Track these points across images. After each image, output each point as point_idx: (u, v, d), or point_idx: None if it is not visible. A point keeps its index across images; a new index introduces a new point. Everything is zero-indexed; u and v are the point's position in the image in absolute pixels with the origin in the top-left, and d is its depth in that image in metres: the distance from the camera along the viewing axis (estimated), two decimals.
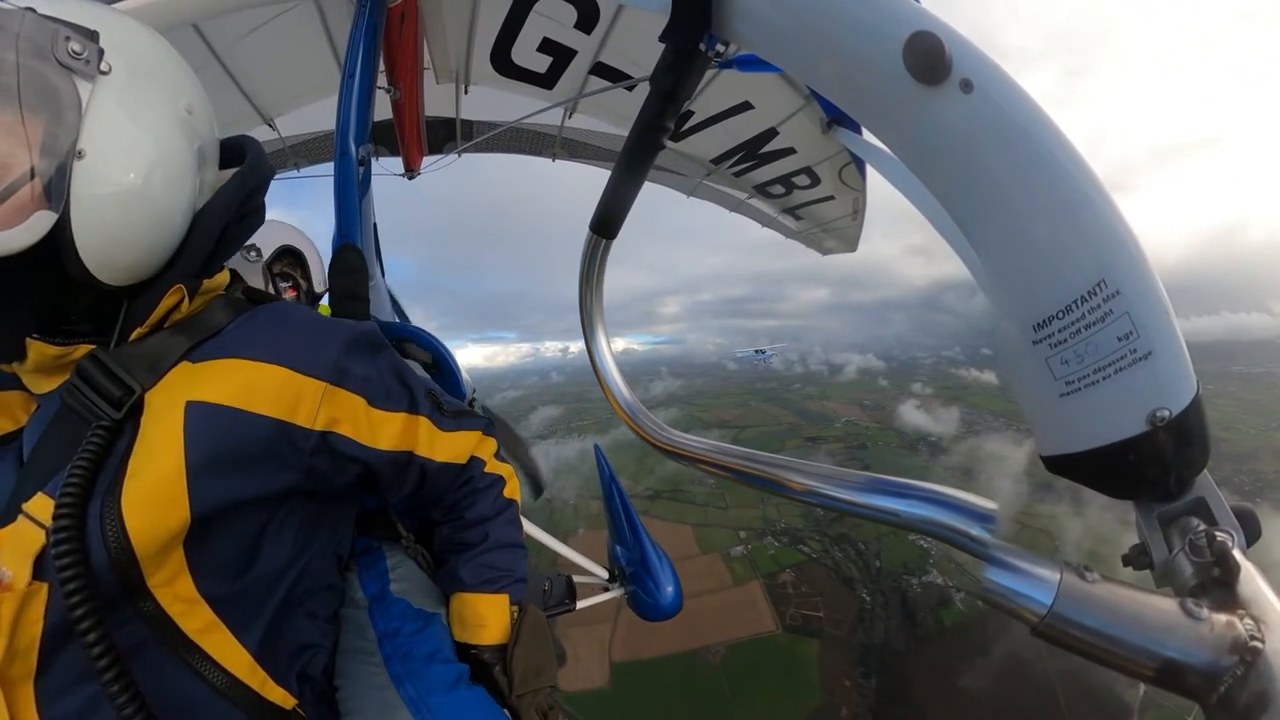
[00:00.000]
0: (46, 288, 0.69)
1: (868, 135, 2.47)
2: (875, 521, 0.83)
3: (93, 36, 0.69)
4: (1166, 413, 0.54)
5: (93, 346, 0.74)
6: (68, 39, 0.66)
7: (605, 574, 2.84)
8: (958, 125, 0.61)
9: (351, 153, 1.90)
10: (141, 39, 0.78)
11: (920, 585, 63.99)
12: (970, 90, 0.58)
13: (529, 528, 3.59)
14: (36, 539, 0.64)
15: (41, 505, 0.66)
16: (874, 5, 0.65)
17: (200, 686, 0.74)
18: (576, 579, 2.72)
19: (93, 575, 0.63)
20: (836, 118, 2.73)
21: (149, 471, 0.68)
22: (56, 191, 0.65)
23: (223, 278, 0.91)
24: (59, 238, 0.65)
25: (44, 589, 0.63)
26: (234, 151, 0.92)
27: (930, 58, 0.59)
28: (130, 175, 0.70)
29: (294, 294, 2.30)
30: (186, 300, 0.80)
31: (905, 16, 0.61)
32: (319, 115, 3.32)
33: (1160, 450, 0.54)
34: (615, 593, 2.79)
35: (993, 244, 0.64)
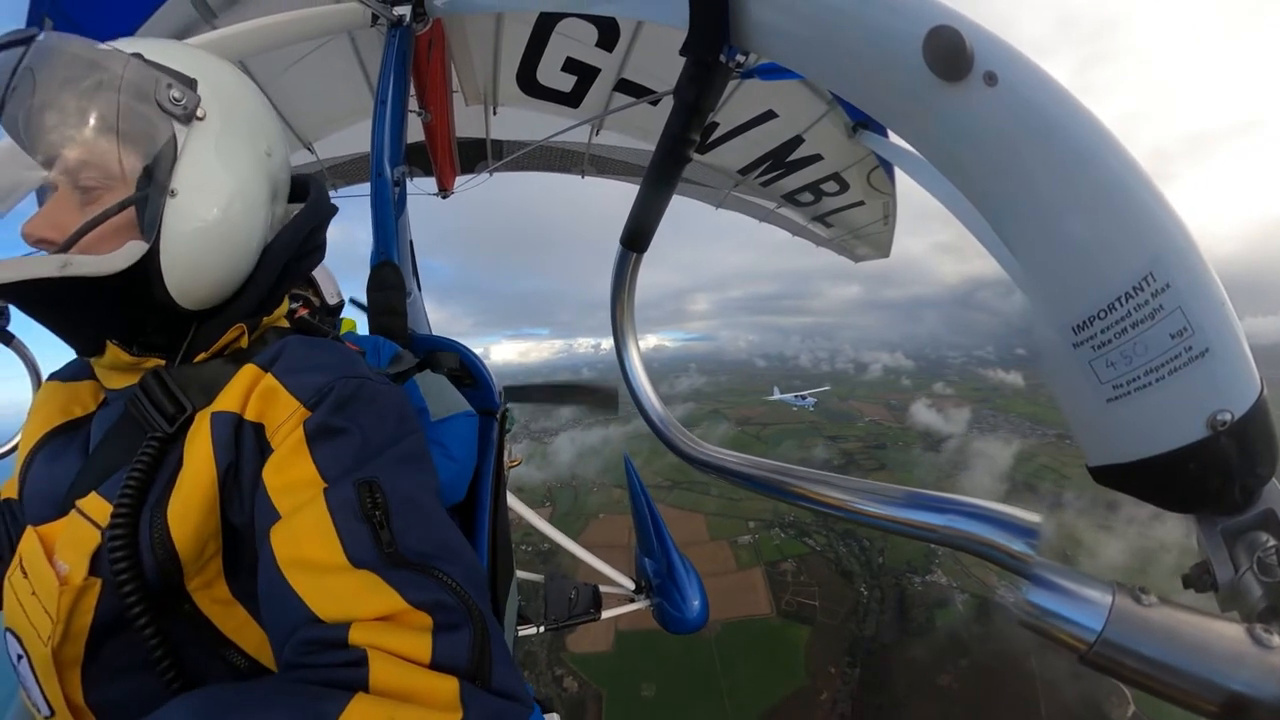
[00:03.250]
0: (130, 304, 0.75)
1: (894, 137, 2.43)
2: (912, 538, 0.79)
3: (192, 84, 0.75)
4: (1228, 416, 0.49)
5: (160, 362, 0.79)
6: (169, 86, 0.73)
7: (632, 585, 2.83)
8: (984, 120, 0.58)
9: (387, 174, 1.97)
10: (234, 85, 0.84)
11: (922, 584, 64.89)
12: (995, 83, 0.55)
13: (560, 539, 3.60)
14: (93, 537, 0.69)
15: (95, 505, 0.71)
16: (890, 4, 0.64)
17: (234, 677, 0.76)
18: (603, 589, 2.72)
19: (144, 577, 0.67)
20: (861, 121, 2.69)
21: (188, 483, 0.71)
22: (149, 224, 0.72)
23: (282, 309, 0.95)
24: (148, 264, 0.72)
25: (98, 584, 0.67)
26: (299, 187, 0.97)
27: (951, 53, 0.57)
28: (214, 213, 0.77)
29: (306, 311, 2.36)
30: (246, 337, 0.86)
31: (923, 13, 0.59)
32: (355, 138, 3.48)
33: (1222, 457, 0.49)
34: (641, 604, 2.78)
35: (1028, 242, 0.61)
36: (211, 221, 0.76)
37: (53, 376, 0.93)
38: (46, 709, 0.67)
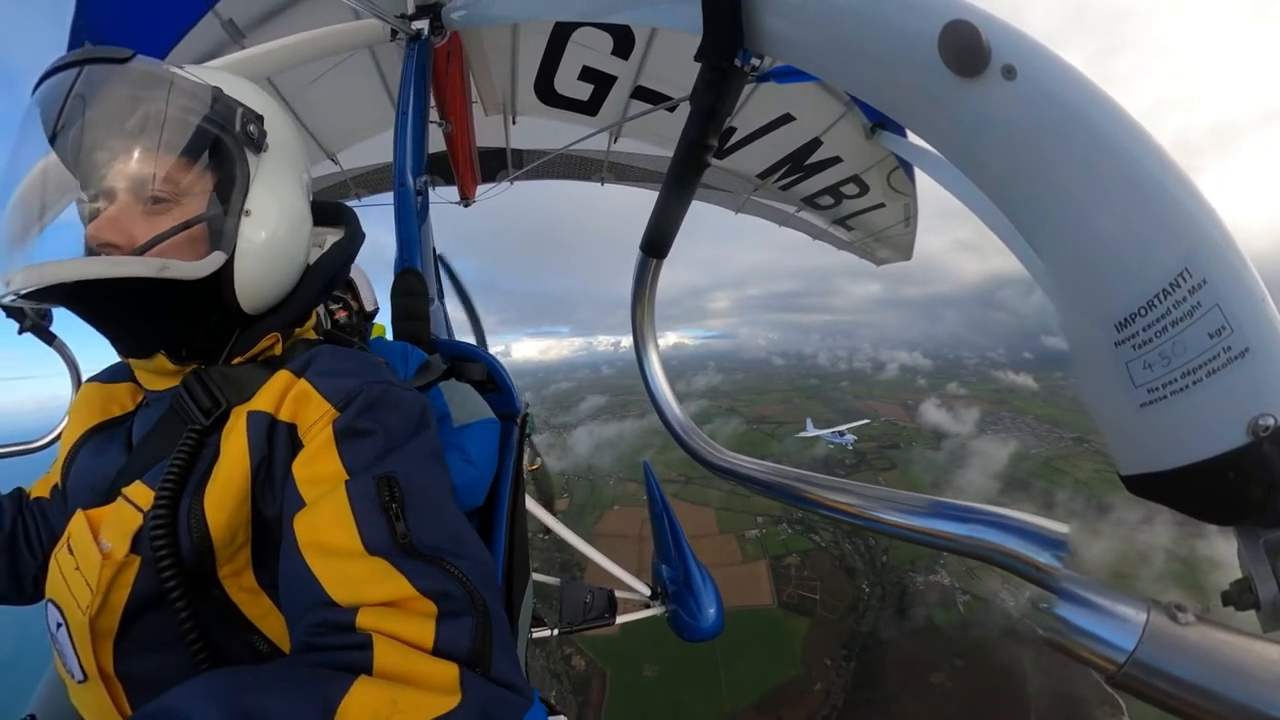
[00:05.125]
0: (197, 308, 0.83)
1: (913, 136, 2.39)
2: (934, 548, 0.77)
3: (260, 120, 0.85)
4: (1271, 420, 0.46)
5: (200, 366, 0.86)
6: (247, 120, 0.83)
7: (648, 591, 2.82)
8: (1004, 116, 0.57)
9: (409, 183, 2.01)
10: (282, 120, 0.93)
11: (924, 583, 66.06)
12: (1013, 77, 0.54)
13: (580, 544, 3.60)
14: (134, 520, 0.74)
15: (139, 492, 0.77)
16: (903, 0, 0.62)
17: (256, 659, 0.80)
18: (618, 594, 2.72)
19: (180, 556, 0.72)
20: (879, 121, 2.66)
21: (224, 474, 0.76)
22: (228, 238, 0.81)
23: (310, 322, 1.02)
24: (222, 273, 0.81)
25: (136, 562, 0.72)
26: (329, 214, 1.06)
27: (967, 47, 0.55)
28: (278, 231, 0.87)
29: (345, 314, 2.42)
30: (280, 345, 0.94)
31: (937, 8, 0.58)
32: (377, 149, 3.57)
33: (1265, 465, 0.46)
34: (656, 610, 2.78)
35: (1054, 240, 0.58)
36: (277, 238, 0.86)
37: (92, 379, 0.99)
38: (80, 674, 0.72)
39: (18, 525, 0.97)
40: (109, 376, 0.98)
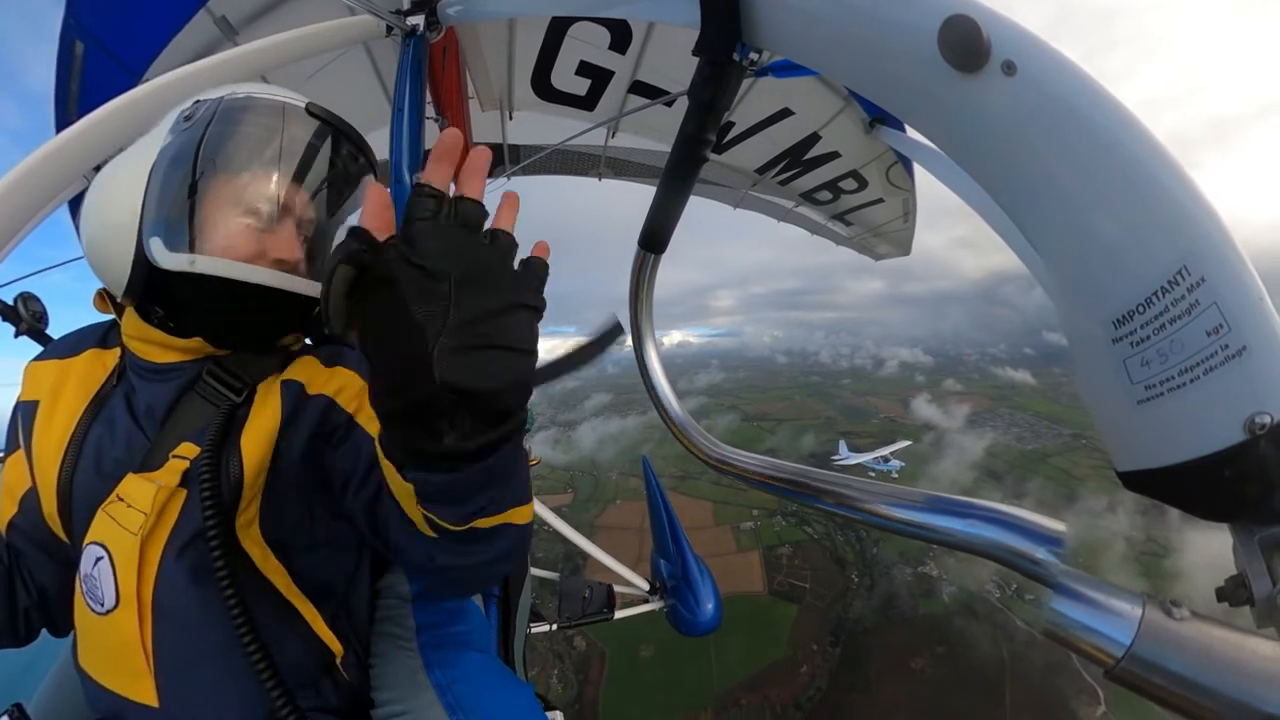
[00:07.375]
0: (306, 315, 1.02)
1: (912, 132, 2.39)
2: (932, 543, 0.77)
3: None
4: (1267, 418, 0.46)
5: (225, 352, 0.99)
6: None
7: (646, 585, 2.84)
8: (1003, 112, 0.56)
9: (406, 180, 2.00)
10: None
11: (913, 575, 69.04)
12: (1013, 72, 0.53)
13: (580, 540, 3.61)
14: (182, 465, 0.89)
15: (186, 449, 0.91)
16: None
17: (274, 598, 0.93)
18: (617, 589, 2.74)
19: (220, 490, 0.85)
20: (879, 116, 2.65)
21: (258, 422, 0.94)
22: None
23: None
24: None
25: (184, 494, 0.87)
26: None
27: (967, 43, 0.55)
28: None
29: None
30: (301, 340, 1.12)
31: (937, 3, 0.57)
32: (373, 145, 3.53)
33: (1261, 463, 0.46)
34: (654, 605, 2.80)
35: (1053, 236, 0.58)
36: None
37: (46, 358, 1.04)
38: (113, 600, 0.83)
39: (11, 557, 0.98)
40: (66, 351, 1.04)
